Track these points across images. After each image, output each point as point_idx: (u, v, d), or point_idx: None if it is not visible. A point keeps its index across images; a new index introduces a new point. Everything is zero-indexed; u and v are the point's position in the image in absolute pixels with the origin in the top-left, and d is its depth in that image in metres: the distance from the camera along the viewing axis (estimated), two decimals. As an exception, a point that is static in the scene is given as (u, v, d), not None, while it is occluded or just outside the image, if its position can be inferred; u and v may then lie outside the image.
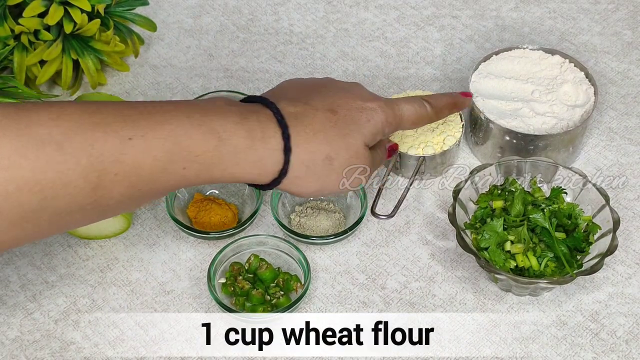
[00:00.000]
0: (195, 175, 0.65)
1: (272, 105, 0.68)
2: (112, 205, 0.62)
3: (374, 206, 0.82)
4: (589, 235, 0.78)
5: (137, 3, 0.97)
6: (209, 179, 0.66)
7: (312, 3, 1.07)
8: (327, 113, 0.70)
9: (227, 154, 0.65)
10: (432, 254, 0.83)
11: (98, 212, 0.62)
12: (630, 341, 0.77)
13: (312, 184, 0.70)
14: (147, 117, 0.63)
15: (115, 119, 0.61)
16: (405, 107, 0.74)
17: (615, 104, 0.96)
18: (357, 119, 0.71)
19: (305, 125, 0.68)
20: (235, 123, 0.65)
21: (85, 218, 0.62)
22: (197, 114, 0.64)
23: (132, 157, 0.61)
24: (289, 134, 0.67)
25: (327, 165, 0.69)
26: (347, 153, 0.70)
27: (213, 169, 0.65)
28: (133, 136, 0.61)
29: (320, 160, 0.69)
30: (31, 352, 0.77)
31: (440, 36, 1.03)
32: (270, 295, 0.78)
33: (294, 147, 0.67)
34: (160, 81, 0.99)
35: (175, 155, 0.63)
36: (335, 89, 0.73)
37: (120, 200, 0.62)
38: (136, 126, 0.62)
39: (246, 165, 0.66)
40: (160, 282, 0.82)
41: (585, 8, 1.06)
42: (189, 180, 0.65)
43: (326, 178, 0.70)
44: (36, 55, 0.90)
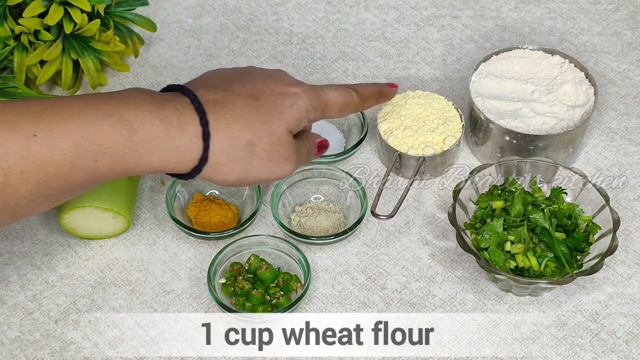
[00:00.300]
0: (109, 168, 0.64)
1: (190, 93, 0.67)
2: (23, 205, 0.62)
3: (374, 206, 0.82)
4: (589, 236, 0.78)
5: (137, 3, 0.97)
6: (124, 171, 0.65)
7: (312, 3, 1.07)
8: (249, 99, 0.69)
9: (140, 143, 0.64)
10: (432, 254, 0.83)
11: (10, 213, 0.62)
12: (630, 341, 0.77)
13: (234, 171, 0.68)
14: (55, 112, 0.62)
15: (22, 116, 0.61)
16: (331, 93, 0.74)
17: (615, 104, 0.96)
18: (280, 104, 0.70)
19: (226, 111, 0.67)
20: (149, 112, 0.64)
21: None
22: (107, 105, 0.63)
23: (38, 153, 0.60)
24: (207, 120, 0.66)
25: (249, 151, 0.68)
26: (269, 139, 0.69)
27: (127, 159, 0.64)
28: (38, 132, 0.60)
29: (241, 146, 0.68)
30: (31, 352, 0.77)
31: (440, 36, 1.03)
32: (270, 296, 0.78)
33: (214, 133, 0.66)
34: (160, 81, 0.99)
35: (85, 149, 0.62)
36: (257, 76, 0.72)
37: (31, 199, 0.62)
38: (42, 122, 0.61)
39: (163, 154, 0.65)
40: (160, 282, 0.82)
41: (585, 8, 1.06)
42: (103, 173, 0.64)
43: (249, 165, 0.69)
44: (36, 56, 0.90)
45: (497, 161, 0.83)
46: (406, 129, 0.87)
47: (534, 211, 0.78)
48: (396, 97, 0.90)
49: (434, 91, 0.96)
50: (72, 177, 0.63)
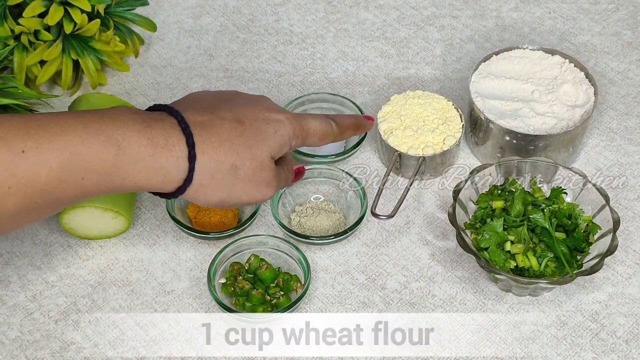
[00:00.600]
0: (95, 185, 0.65)
1: (177, 114, 0.68)
2: (5, 219, 0.62)
3: (374, 206, 0.82)
4: (589, 236, 0.78)
5: (137, 3, 0.97)
6: (110, 188, 0.66)
7: (312, 3, 1.07)
8: (234, 123, 0.70)
9: (127, 162, 0.65)
10: (432, 254, 0.83)
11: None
12: (630, 341, 0.77)
13: (217, 193, 0.70)
14: (45, 128, 0.63)
15: (11, 132, 0.61)
16: (312, 123, 0.75)
17: (615, 104, 0.96)
18: (264, 130, 0.71)
19: (212, 134, 0.68)
20: (137, 131, 0.65)
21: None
22: (95, 124, 0.64)
23: (25, 169, 0.61)
24: (194, 142, 0.67)
25: (233, 174, 0.69)
26: (252, 163, 0.70)
27: (113, 177, 0.65)
28: (27, 148, 0.61)
29: (225, 169, 0.69)
30: (31, 352, 0.77)
31: (440, 36, 1.03)
32: (270, 296, 0.78)
33: (199, 155, 0.67)
34: (160, 81, 0.99)
35: (72, 166, 0.63)
36: (242, 101, 0.73)
37: (16, 213, 0.62)
38: (31, 138, 0.62)
39: (148, 174, 0.66)
40: (160, 282, 0.82)
41: (585, 8, 1.06)
42: (89, 190, 0.65)
43: (231, 187, 0.70)
44: (36, 55, 0.90)
45: (497, 161, 0.83)
46: (406, 129, 0.87)
47: (534, 211, 0.78)
48: (396, 97, 0.90)
49: (434, 91, 0.96)
50: (58, 193, 0.63)
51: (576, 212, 0.79)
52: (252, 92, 0.97)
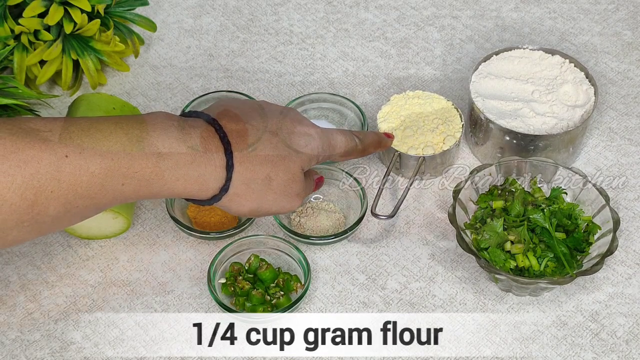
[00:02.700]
0: (134, 191, 0.65)
1: (215, 122, 0.68)
2: (48, 222, 0.63)
3: (374, 206, 0.82)
4: (589, 236, 0.78)
5: (137, 3, 0.97)
6: (148, 195, 0.66)
7: (312, 3, 1.07)
8: (268, 134, 0.71)
9: (167, 169, 0.65)
10: (432, 254, 0.83)
11: (36, 229, 0.63)
12: (630, 341, 0.77)
13: (249, 202, 0.70)
14: (87, 133, 0.63)
15: (54, 135, 0.62)
16: (338, 138, 0.76)
17: (615, 104, 0.96)
18: (297, 143, 0.72)
19: (248, 144, 0.69)
20: (176, 139, 0.66)
21: (22, 234, 0.63)
22: (136, 130, 0.65)
23: (69, 174, 0.61)
24: (232, 151, 0.68)
25: (266, 185, 0.70)
26: (285, 175, 0.71)
27: (152, 184, 0.65)
28: (70, 153, 0.62)
29: (260, 180, 0.70)
30: (31, 352, 0.77)
31: (440, 36, 1.03)
32: (271, 296, 0.78)
33: (237, 165, 0.68)
34: (160, 81, 0.99)
35: (114, 172, 0.63)
36: (273, 111, 0.73)
37: (57, 216, 0.63)
38: (74, 143, 0.62)
39: (187, 182, 0.67)
40: (160, 282, 0.82)
41: (586, 8, 1.06)
42: (127, 196, 0.65)
43: (264, 198, 0.71)
44: (36, 56, 0.90)
45: (497, 161, 0.83)
46: (406, 129, 0.87)
47: (534, 211, 0.78)
48: (396, 97, 0.90)
49: (434, 91, 0.96)
50: (99, 198, 0.64)
51: (576, 212, 0.79)
52: (252, 92, 0.97)
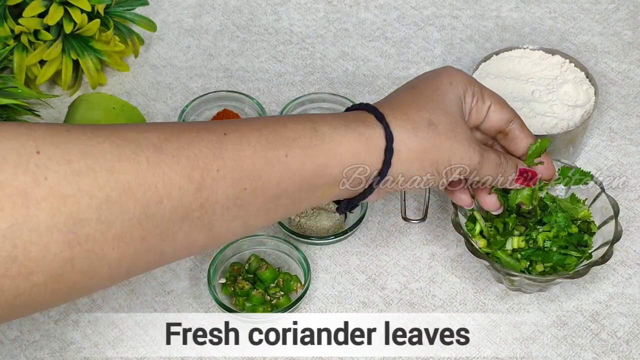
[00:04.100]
0: (301, 163, 0.62)
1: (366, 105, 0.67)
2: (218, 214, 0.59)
3: (403, 211, 0.82)
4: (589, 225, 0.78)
5: (137, 3, 0.97)
6: (316, 167, 0.63)
7: (312, 3, 1.07)
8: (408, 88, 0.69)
9: (326, 133, 0.63)
10: (432, 254, 0.83)
11: (206, 223, 0.59)
12: (630, 341, 0.77)
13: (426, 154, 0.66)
14: (235, 122, 0.62)
15: (205, 126, 0.60)
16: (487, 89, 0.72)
17: (615, 104, 0.96)
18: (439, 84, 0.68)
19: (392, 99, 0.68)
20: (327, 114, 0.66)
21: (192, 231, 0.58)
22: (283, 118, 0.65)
23: (231, 150, 0.59)
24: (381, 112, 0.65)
25: (433, 131, 0.66)
26: (447, 118, 0.66)
27: (317, 151, 0.62)
28: (227, 132, 0.60)
29: (425, 126, 0.65)
30: (31, 352, 0.77)
31: (440, 36, 1.03)
32: (271, 296, 0.78)
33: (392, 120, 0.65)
34: (160, 81, 0.99)
35: (274, 142, 0.61)
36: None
37: (227, 206, 0.59)
38: (227, 126, 0.61)
39: (350, 142, 0.64)
40: (160, 282, 0.81)
41: (586, 8, 1.06)
42: (295, 170, 0.62)
43: (438, 146, 0.66)
44: (36, 55, 0.90)
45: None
46: (406, 128, 0.87)
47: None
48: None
49: (434, 91, 0.96)
50: (265, 175, 0.60)
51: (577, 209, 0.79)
52: (252, 92, 0.97)
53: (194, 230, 0.58)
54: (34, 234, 0.51)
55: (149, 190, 0.55)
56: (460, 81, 0.69)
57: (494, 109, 0.71)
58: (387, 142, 0.65)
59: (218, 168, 0.58)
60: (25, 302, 0.53)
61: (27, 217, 0.51)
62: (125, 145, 0.55)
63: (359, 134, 0.64)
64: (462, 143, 0.67)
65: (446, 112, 0.67)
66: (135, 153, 0.55)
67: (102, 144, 0.54)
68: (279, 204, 0.63)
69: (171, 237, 0.57)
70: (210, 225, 0.59)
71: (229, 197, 0.59)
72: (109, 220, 0.53)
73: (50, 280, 0.53)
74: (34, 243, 0.51)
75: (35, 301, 0.54)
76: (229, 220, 0.60)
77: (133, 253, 0.56)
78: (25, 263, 0.51)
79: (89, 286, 0.56)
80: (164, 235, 0.57)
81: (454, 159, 0.67)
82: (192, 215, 0.57)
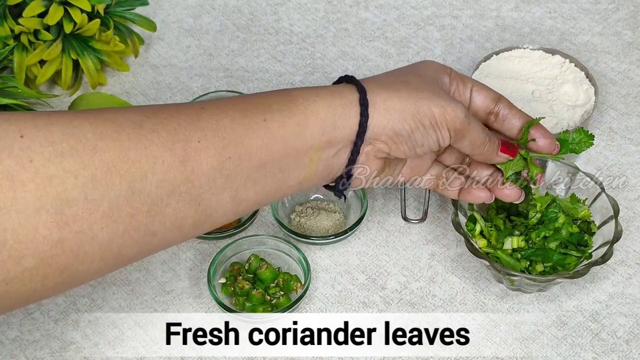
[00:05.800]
0: (280, 123, 0.63)
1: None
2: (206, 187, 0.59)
3: (403, 211, 0.82)
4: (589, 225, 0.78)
5: (137, 3, 0.97)
6: (296, 129, 0.64)
7: (312, 3, 1.07)
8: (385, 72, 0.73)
9: (300, 95, 0.65)
10: (432, 254, 0.83)
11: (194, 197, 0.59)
12: (630, 341, 0.77)
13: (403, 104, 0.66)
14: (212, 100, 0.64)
15: (183, 104, 0.62)
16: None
17: (615, 104, 0.96)
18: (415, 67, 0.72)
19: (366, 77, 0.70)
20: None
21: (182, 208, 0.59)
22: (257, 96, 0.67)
23: (209, 121, 0.60)
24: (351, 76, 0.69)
25: (406, 85, 0.67)
26: (418, 78, 0.69)
27: (294, 111, 0.64)
28: (204, 106, 0.61)
29: (398, 82, 0.68)
30: (31, 352, 0.77)
31: (440, 36, 1.03)
32: (271, 296, 0.78)
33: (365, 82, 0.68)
34: (160, 81, 0.99)
35: (250, 110, 0.62)
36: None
37: (213, 177, 0.59)
38: (204, 102, 0.62)
39: (324, 99, 0.65)
40: (160, 282, 0.81)
41: (586, 8, 1.06)
42: (275, 132, 0.63)
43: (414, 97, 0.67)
44: (36, 55, 0.90)
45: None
46: (406, 128, 0.87)
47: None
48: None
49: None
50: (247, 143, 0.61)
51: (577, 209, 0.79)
52: (252, 92, 0.97)
53: (183, 205, 0.59)
54: (22, 216, 0.52)
55: (132, 166, 0.56)
56: (438, 67, 0.72)
57: (476, 89, 0.73)
58: (360, 93, 0.66)
59: (199, 139, 0.59)
60: (17, 289, 0.54)
61: (14, 199, 0.51)
62: (106, 125, 0.56)
63: (332, 92, 0.66)
64: (440, 95, 0.68)
65: (419, 73, 0.70)
66: (116, 131, 0.56)
67: (83, 125, 0.55)
68: (266, 172, 0.63)
69: (160, 213, 0.58)
70: (199, 200, 0.59)
71: (214, 168, 0.59)
72: (95, 199, 0.54)
73: (41, 264, 0.53)
74: (22, 225, 0.52)
75: (27, 288, 0.54)
76: (218, 192, 0.60)
77: (123, 232, 0.56)
78: (15, 246, 0.52)
79: (81, 271, 0.56)
80: (153, 211, 0.57)
81: (435, 109, 0.67)
82: (179, 189, 0.58)
